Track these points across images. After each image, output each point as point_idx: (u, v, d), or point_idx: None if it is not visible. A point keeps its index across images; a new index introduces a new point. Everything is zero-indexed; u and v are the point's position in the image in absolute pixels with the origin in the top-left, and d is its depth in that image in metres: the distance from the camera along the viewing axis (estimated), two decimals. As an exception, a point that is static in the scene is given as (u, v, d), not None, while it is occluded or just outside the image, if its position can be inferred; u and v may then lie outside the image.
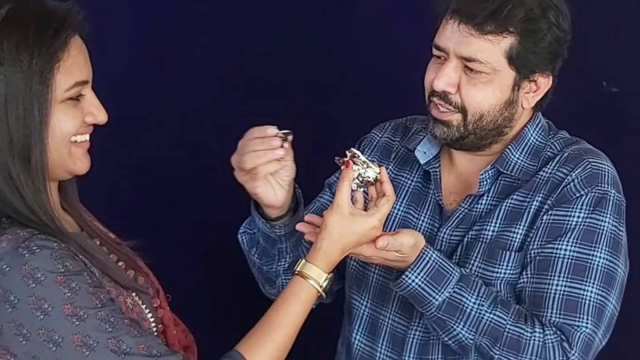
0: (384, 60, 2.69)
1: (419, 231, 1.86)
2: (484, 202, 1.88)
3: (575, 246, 1.79)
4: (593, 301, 1.77)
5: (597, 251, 1.79)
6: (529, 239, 1.82)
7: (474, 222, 1.87)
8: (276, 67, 2.70)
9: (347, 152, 1.73)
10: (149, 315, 1.63)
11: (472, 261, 1.85)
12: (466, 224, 1.88)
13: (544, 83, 1.86)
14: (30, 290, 1.44)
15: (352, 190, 1.72)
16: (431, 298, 1.76)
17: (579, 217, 1.80)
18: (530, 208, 1.83)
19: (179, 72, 2.73)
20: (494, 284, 1.83)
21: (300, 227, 1.79)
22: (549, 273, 1.79)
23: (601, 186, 1.82)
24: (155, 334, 1.63)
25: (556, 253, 1.79)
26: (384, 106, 2.33)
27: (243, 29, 2.69)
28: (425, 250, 1.76)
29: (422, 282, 1.75)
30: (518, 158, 1.88)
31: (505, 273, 1.83)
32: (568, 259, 1.79)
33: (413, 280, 1.75)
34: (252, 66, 2.71)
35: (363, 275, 1.99)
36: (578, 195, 1.81)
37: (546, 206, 1.82)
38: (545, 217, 1.82)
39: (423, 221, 1.94)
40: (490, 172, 1.88)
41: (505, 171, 1.88)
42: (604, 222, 1.80)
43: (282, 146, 1.77)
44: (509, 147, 1.89)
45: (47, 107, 1.50)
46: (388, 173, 1.76)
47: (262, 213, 1.90)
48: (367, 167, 1.73)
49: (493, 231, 1.85)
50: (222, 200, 2.32)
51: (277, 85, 2.69)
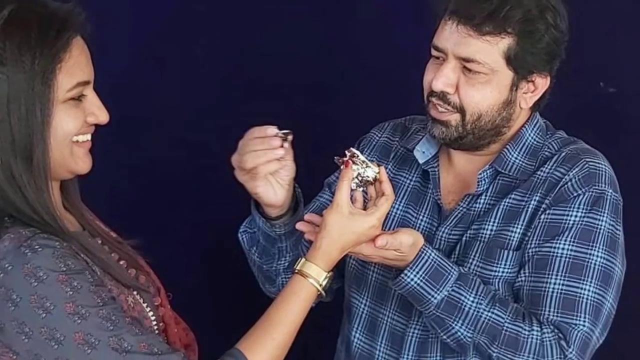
0: (383, 61, 2.68)
1: (418, 230, 1.87)
2: (482, 201, 1.88)
3: (572, 245, 1.79)
4: (590, 300, 1.77)
5: (595, 250, 1.79)
6: (526, 238, 1.82)
7: (473, 221, 1.87)
8: (276, 68, 2.69)
9: (346, 152, 1.73)
10: (150, 313, 1.63)
11: (471, 260, 1.85)
12: (464, 223, 1.88)
13: (542, 83, 1.86)
14: (32, 288, 1.44)
15: (352, 190, 1.72)
16: (430, 296, 1.76)
17: (576, 216, 1.80)
18: (528, 207, 1.83)
19: (179, 73, 2.72)
20: (492, 283, 1.83)
21: (300, 226, 1.79)
22: (546, 272, 1.79)
23: (598, 186, 1.82)
24: (157, 332, 1.63)
25: (554, 252, 1.79)
26: (383, 106, 2.32)
27: (243, 29, 2.68)
28: (424, 249, 1.76)
29: (421, 280, 1.75)
30: (516, 158, 1.88)
31: (503, 272, 1.83)
32: (565, 257, 1.79)
33: (412, 279, 1.75)
34: (252, 66, 2.70)
35: (362, 274, 1.99)
36: (575, 194, 1.81)
37: (544, 205, 1.82)
38: (543, 217, 1.82)
39: (422, 220, 1.94)
40: (488, 171, 1.88)
41: (503, 171, 1.88)
42: (601, 221, 1.80)
43: (282, 146, 1.78)
44: (507, 147, 1.89)
45: (49, 107, 1.50)
46: (387, 173, 1.77)
47: (262, 212, 1.91)
48: (367, 167, 1.73)
49: (491, 230, 1.85)
50: (223, 200, 2.31)
51: (277, 86, 2.68)
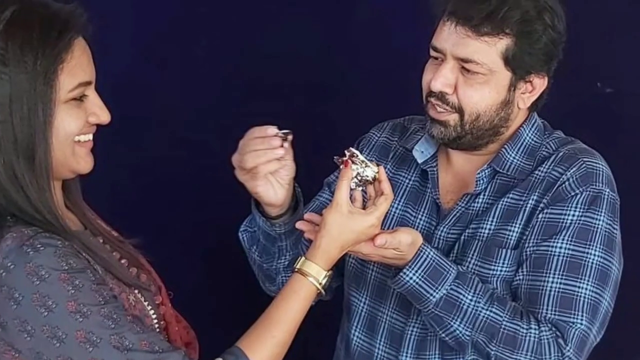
0: (382, 61, 2.68)
1: (417, 229, 1.87)
2: (480, 200, 1.88)
3: (570, 244, 1.79)
4: (588, 298, 1.77)
5: (592, 249, 1.79)
6: (524, 237, 1.82)
7: (471, 221, 1.88)
8: (276, 68, 2.69)
9: (346, 152, 1.74)
10: (151, 312, 1.64)
11: (469, 259, 1.85)
12: (463, 222, 1.89)
13: (540, 84, 1.86)
14: (34, 287, 1.45)
15: (351, 189, 1.73)
16: (428, 295, 1.76)
17: (574, 215, 1.81)
18: (526, 206, 1.84)
19: (180, 73, 2.72)
20: (490, 281, 1.83)
21: (299, 225, 1.79)
22: (544, 270, 1.79)
23: (596, 185, 1.82)
24: (158, 330, 1.63)
25: (551, 251, 1.80)
26: (383, 106, 2.32)
27: (244, 30, 2.68)
28: (423, 248, 1.76)
29: (420, 279, 1.76)
30: (514, 157, 1.88)
31: (501, 270, 1.83)
32: (563, 256, 1.79)
33: (411, 278, 1.76)
34: (252, 67, 2.70)
35: (362, 272, 1.99)
36: (573, 194, 1.81)
37: (542, 205, 1.83)
38: (540, 216, 1.82)
39: (420, 219, 1.94)
40: (486, 171, 1.89)
41: (501, 170, 1.88)
42: (599, 220, 1.81)
43: (282, 146, 1.78)
44: (505, 146, 1.89)
45: (51, 107, 1.50)
46: (386, 172, 1.77)
47: (262, 211, 1.91)
48: (366, 167, 1.73)
49: (489, 229, 1.85)
50: (223, 199, 2.31)
51: (277, 86, 2.68)
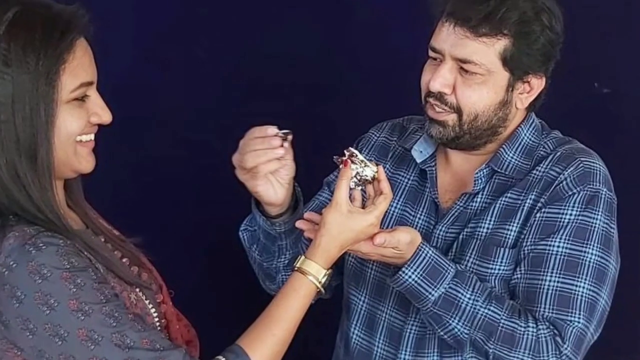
0: (381, 62, 2.69)
1: (416, 228, 1.87)
2: (478, 200, 1.89)
3: (567, 243, 1.80)
4: (585, 296, 1.78)
5: (589, 248, 1.80)
6: (522, 236, 1.83)
7: (469, 220, 1.88)
8: (276, 69, 2.69)
9: (345, 152, 1.74)
10: (152, 310, 1.64)
11: (467, 257, 1.86)
12: (461, 221, 1.89)
13: (537, 84, 1.87)
14: (36, 286, 1.45)
15: (351, 189, 1.73)
16: (427, 293, 1.77)
17: (571, 214, 1.81)
18: (524, 206, 1.84)
19: (181, 74, 2.71)
20: (488, 280, 1.83)
21: (299, 224, 1.80)
22: (542, 269, 1.80)
23: (593, 184, 1.83)
24: (159, 328, 1.62)
25: (549, 250, 1.80)
26: (382, 107, 2.32)
27: (244, 31, 2.68)
28: (422, 247, 1.77)
29: (419, 278, 1.76)
30: (512, 157, 1.89)
31: (499, 269, 1.84)
32: (561, 255, 1.80)
33: (410, 277, 1.76)
34: (252, 68, 2.70)
35: (361, 271, 1.99)
36: (570, 193, 1.82)
37: (539, 204, 1.83)
38: (538, 215, 1.83)
39: (419, 219, 1.95)
40: (484, 170, 1.89)
41: (499, 170, 1.89)
42: (596, 219, 1.81)
43: (282, 145, 1.79)
44: (503, 146, 1.90)
45: (53, 107, 1.50)
46: (385, 172, 1.78)
47: (262, 211, 1.91)
48: (365, 166, 1.74)
49: (488, 228, 1.86)
50: (224, 199, 2.30)
51: (277, 86, 2.68)
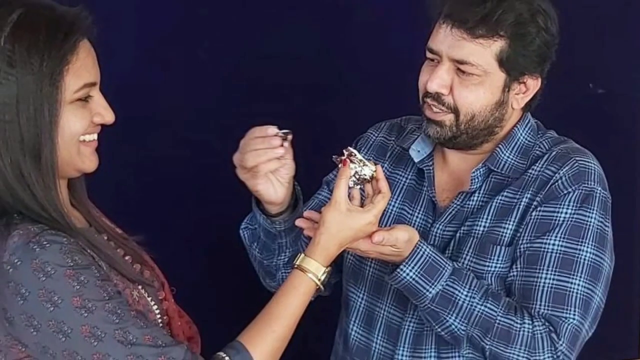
0: (380, 63, 2.69)
1: (413, 227, 1.87)
2: (475, 198, 1.90)
3: (563, 241, 1.81)
4: (580, 294, 1.79)
5: (584, 246, 1.81)
6: (518, 234, 1.84)
7: (466, 218, 1.89)
8: (276, 70, 2.68)
9: (344, 151, 1.75)
10: (155, 307, 1.64)
11: (464, 255, 1.87)
12: (458, 219, 1.90)
13: (533, 85, 1.88)
14: (40, 283, 1.46)
15: (349, 188, 1.74)
16: (425, 291, 1.78)
17: (566, 213, 1.82)
18: (520, 204, 1.85)
19: (183, 74, 2.69)
20: (485, 278, 1.84)
21: (299, 222, 1.80)
22: (537, 267, 1.81)
23: (588, 184, 1.84)
24: (161, 325, 1.63)
25: (545, 248, 1.81)
26: (380, 107, 2.32)
27: (245, 33, 2.66)
28: (419, 245, 1.78)
29: (416, 275, 1.77)
30: (508, 157, 1.90)
31: (495, 267, 1.85)
32: (556, 253, 1.81)
33: (407, 274, 1.78)
34: (253, 68, 2.69)
35: (360, 268, 2.01)
36: (566, 192, 1.83)
37: (535, 203, 1.84)
38: (534, 213, 1.84)
39: (417, 217, 1.96)
40: (481, 170, 1.90)
41: (495, 169, 1.90)
42: (591, 218, 1.82)
43: (282, 145, 1.79)
44: (500, 146, 1.91)
45: (57, 107, 1.50)
46: (383, 171, 1.78)
47: (262, 209, 1.92)
48: (364, 165, 1.75)
49: (484, 227, 1.87)
50: (225, 197, 2.30)
51: (278, 87, 2.68)
